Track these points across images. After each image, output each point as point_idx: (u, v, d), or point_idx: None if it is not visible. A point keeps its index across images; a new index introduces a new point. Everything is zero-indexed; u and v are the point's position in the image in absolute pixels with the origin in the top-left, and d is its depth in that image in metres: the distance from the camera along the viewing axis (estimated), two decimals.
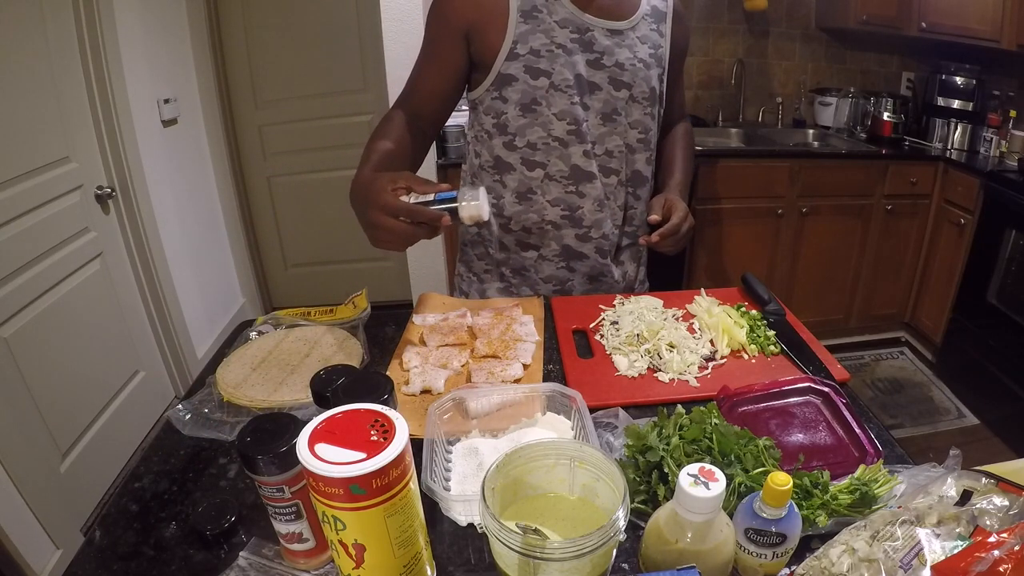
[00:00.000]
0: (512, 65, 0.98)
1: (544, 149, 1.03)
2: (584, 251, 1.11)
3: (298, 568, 0.56)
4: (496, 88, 1.01)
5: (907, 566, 0.46)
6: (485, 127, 1.06)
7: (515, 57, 0.98)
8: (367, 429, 0.46)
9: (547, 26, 0.97)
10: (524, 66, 0.98)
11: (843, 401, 0.74)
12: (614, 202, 1.10)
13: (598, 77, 1.01)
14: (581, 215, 1.08)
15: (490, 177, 1.09)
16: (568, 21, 0.98)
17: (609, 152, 1.06)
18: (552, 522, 0.55)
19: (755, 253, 2.62)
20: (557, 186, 1.06)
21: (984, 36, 2.28)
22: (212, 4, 2.57)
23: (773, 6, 2.78)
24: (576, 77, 0.99)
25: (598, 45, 1.00)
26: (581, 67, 1.00)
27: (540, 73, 0.98)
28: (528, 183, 1.06)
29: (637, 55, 1.02)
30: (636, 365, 0.85)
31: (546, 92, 1.00)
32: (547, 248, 1.11)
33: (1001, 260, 2.23)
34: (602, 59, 1.00)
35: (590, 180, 1.06)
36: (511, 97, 1.01)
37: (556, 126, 1.02)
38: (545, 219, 1.08)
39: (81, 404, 1.86)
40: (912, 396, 2.53)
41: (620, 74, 1.02)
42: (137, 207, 2.11)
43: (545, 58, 0.98)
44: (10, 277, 1.60)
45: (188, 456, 0.72)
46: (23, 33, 1.65)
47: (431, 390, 0.80)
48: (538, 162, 1.04)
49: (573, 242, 1.10)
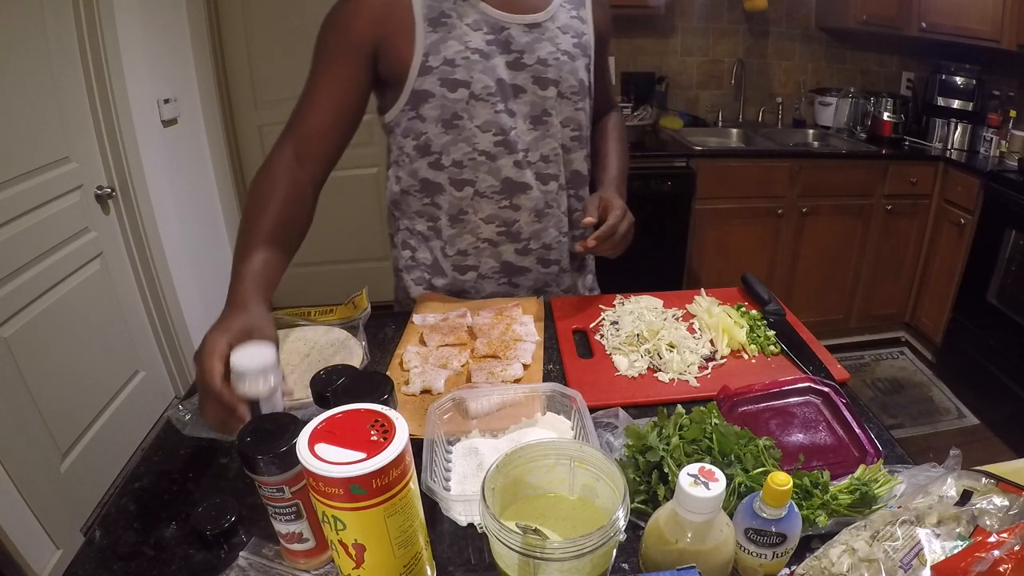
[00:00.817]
0: (426, 80, 0.90)
1: (471, 165, 0.96)
2: (526, 264, 1.06)
3: (298, 568, 0.56)
4: (412, 107, 0.93)
5: (907, 566, 0.46)
6: (405, 150, 0.98)
7: (428, 71, 0.90)
8: (367, 429, 0.46)
9: (459, 31, 0.89)
10: (439, 79, 0.90)
11: (843, 401, 0.74)
12: (557, 208, 1.04)
13: (521, 78, 0.94)
14: (518, 229, 1.02)
15: (419, 201, 1.02)
16: (481, 22, 0.90)
17: (544, 157, 0.99)
18: (552, 522, 0.55)
19: (755, 253, 2.62)
20: (489, 202, 0.99)
21: (984, 36, 2.28)
22: (212, 4, 2.57)
23: (773, 6, 2.78)
24: (498, 82, 0.92)
25: (516, 43, 0.92)
26: (502, 70, 0.92)
27: (458, 84, 0.91)
28: (458, 204, 0.99)
29: (560, 47, 0.95)
30: (636, 365, 0.85)
31: (467, 104, 0.92)
32: (485, 266, 1.05)
33: (1001, 260, 2.23)
34: (523, 58, 0.93)
35: (524, 191, 0.99)
36: (429, 114, 0.93)
37: (481, 139, 0.95)
38: (480, 238, 1.02)
39: (81, 404, 1.86)
40: (912, 396, 2.53)
41: (544, 71, 0.94)
42: (137, 207, 2.11)
43: (461, 67, 0.90)
44: (10, 277, 1.60)
45: (188, 456, 0.72)
46: (23, 33, 1.65)
47: (431, 390, 0.80)
48: (466, 180, 0.97)
49: (513, 257, 1.04)
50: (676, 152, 2.49)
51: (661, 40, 2.87)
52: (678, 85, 2.96)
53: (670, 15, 2.81)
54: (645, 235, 2.67)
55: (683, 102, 2.99)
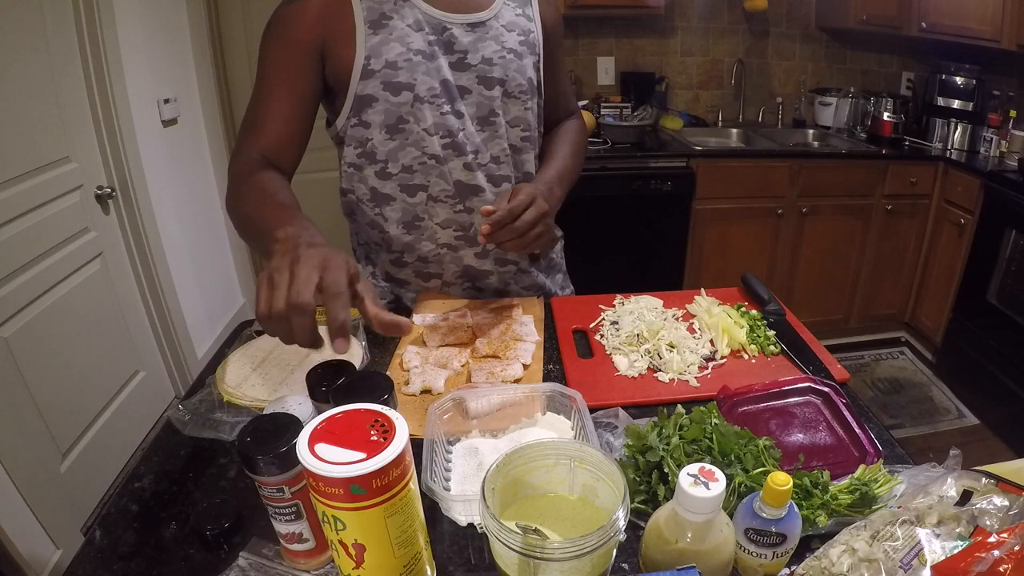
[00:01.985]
0: (368, 84, 0.88)
1: (421, 170, 0.94)
2: (486, 268, 1.04)
3: (298, 568, 0.56)
4: (355, 113, 0.91)
5: (907, 566, 0.46)
6: (350, 160, 0.96)
7: (370, 74, 0.87)
8: (367, 429, 0.46)
9: (400, 33, 0.87)
10: (382, 83, 0.87)
11: (843, 401, 0.74)
12: None
13: (465, 79, 0.91)
14: (475, 232, 0.99)
15: (371, 211, 0.99)
16: (422, 22, 0.88)
17: (495, 159, 0.97)
18: (552, 522, 0.55)
19: (755, 253, 2.62)
20: (443, 207, 0.97)
21: (984, 36, 2.28)
22: (212, 4, 2.57)
23: (773, 6, 2.78)
24: (442, 83, 0.90)
25: (459, 43, 0.90)
26: (446, 71, 0.90)
27: (401, 87, 0.88)
28: (412, 210, 0.97)
29: (505, 45, 0.93)
30: (636, 365, 0.85)
31: (411, 107, 0.89)
32: (448, 273, 1.04)
33: (1001, 260, 2.24)
34: (466, 58, 0.91)
35: (477, 194, 0.97)
36: (374, 120, 0.90)
37: (429, 142, 0.92)
38: (439, 243, 1.00)
39: (81, 404, 1.86)
40: (912, 396, 2.53)
41: (489, 71, 0.92)
42: (137, 207, 2.11)
43: (404, 69, 0.87)
44: (10, 277, 1.60)
45: (188, 456, 0.72)
46: (23, 33, 1.65)
47: (431, 390, 0.80)
48: (418, 185, 0.95)
49: (474, 262, 1.03)
50: (676, 152, 2.49)
51: (661, 40, 2.87)
52: (678, 85, 2.96)
53: (670, 15, 2.81)
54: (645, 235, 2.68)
55: (683, 102, 2.99)
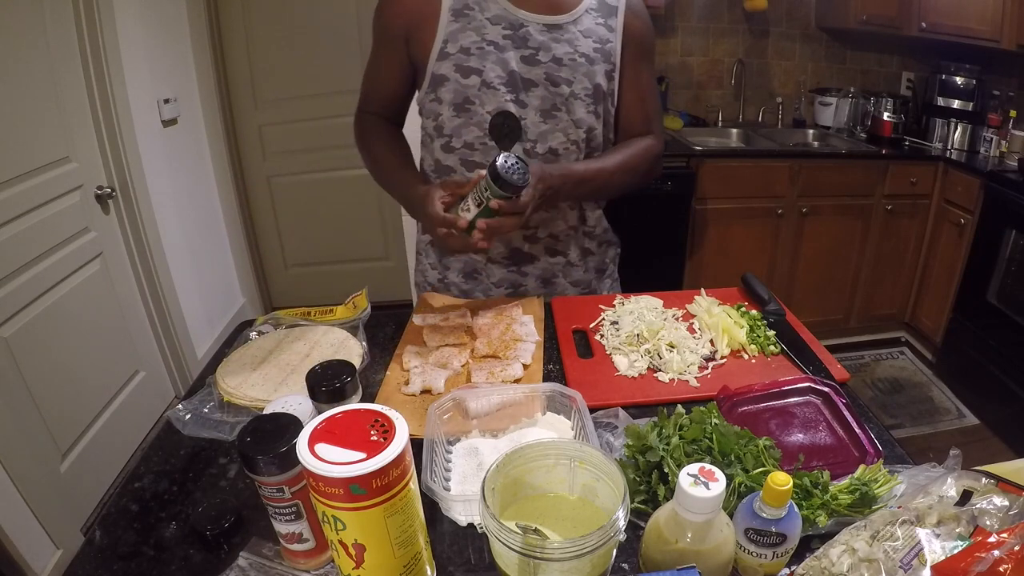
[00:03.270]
0: (443, 65, 0.97)
1: (481, 149, 1.01)
2: (534, 252, 1.08)
3: (298, 568, 0.56)
4: (431, 89, 1.00)
5: (907, 566, 0.46)
6: (427, 131, 1.06)
7: (445, 56, 0.96)
8: (367, 429, 0.46)
9: (478, 23, 0.95)
10: (454, 65, 0.96)
11: (843, 401, 0.74)
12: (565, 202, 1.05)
13: (534, 74, 0.97)
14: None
15: (434, 181, 1.04)
16: (501, 17, 0.96)
17: (553, 150, 1.01)
18: (552, 522, 0.55)
19: (755, 253, 2.62)
20: None
21: (984, 36, 2.28)
22: (212, 4, 2.57)
23: (773, 6, 2.78)
24: (509, 74, 0.96)
25: (533, 41, 0.97)
26: (514, 63, 0.96)
27: (471, 71, 0.96)
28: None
29: (578, 50, 0.98)
30: (636, 365, 0.85)
31: (478, 90, 0.97)
32: (495, 250, 1.07)
33: (1001, 260, 2.23)
34: (537, 55, 0.97)
35: None
36: (444, 97, 0.99)
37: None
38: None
39: (81, 404, 1.86)
40: (912, 396, 2.53)
41: (558, 70, 0.98)
42: (137, 207, 2.11)
43: (475, 56, 0.95)
44: (10, 277, 1.60)
45: (188, 456, 0.72)
46: (23, 33, 1.65)
47: (431, 390, 0.80)
48: (476, 163, 1.01)
49: (521, 243, 1.07)
50: (676, 152, 2.49)
51: (661, 40, 2.87)
52: (678, 85, 2.96)
53: (670, 15, 2.81)
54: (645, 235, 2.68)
55: (683, 102, 2.99)
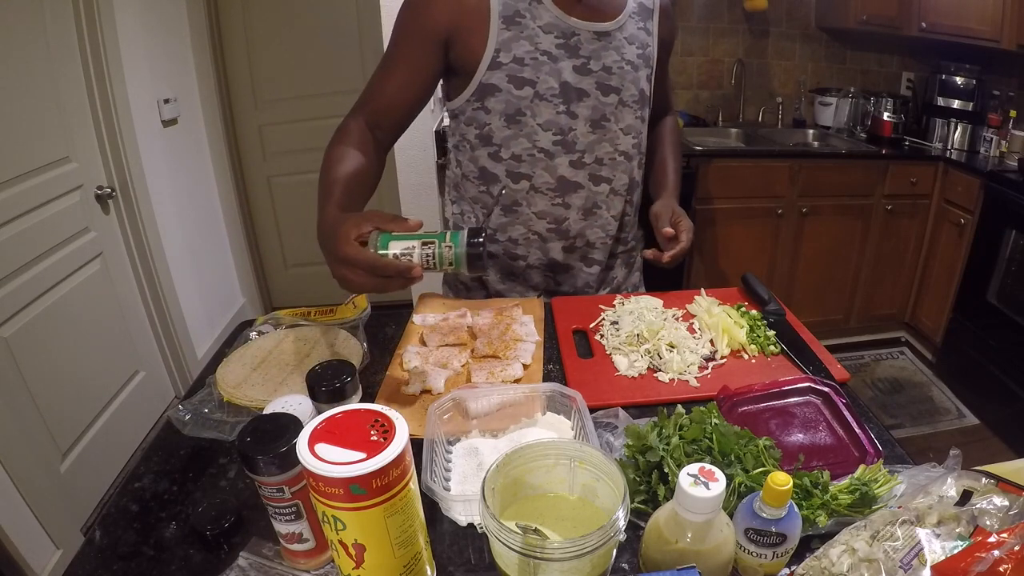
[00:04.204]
0: (495, 75, 0.94)
1: (530, 161, 1.00)
2: (570, 262, 1.09)
3: (298, 568, 0.56)
4: (478, 98, 0.97)
5: (907, 566, 0.46)
6: (468, 138, 1.02)
7: (498, 66, 0.93)
8: (367, 429, 0.46)
9: (531, 32, 0.93)
10: (507, 75, 0.94)
11: (843, 401, 0.74)
12: (606, 211, 1.06)
13: (585, 83, 0.97)
14: (567, 227, 1.05)
15: (475, 188, 1.06)
16: (553, 26, 0.93)
17: (599, 160, 1.02)
18: (552, 522, 0.55)
19: (755, 253, 2.62)
20: (543, 198, 1.02)
21: (984, 36, 2.28)
22: (212, 4, 2.57)
23: (773, 6, 2.78)
24: (562, 85, 0.96)
25: (584, 49, 0.96)
26: (567, 74, 0.95)
27: (524, 83, 0.94)
28: (513, 195, 1.03)
29: (624, 57, 0.99)
30: (636, 365, 0.85)
31: (531, 102, 0.96)
32: (533, 257, 1.08)
33: (1001, 260, 2.24)
34: (589, 64, 0.96)
35: (576, 190, 1.02)
36: (494, 108, 0.97)
37: (542, 137, 0.98)
38: (532, 230, 1.05)
39: (81, 404, 1.86)
40: (912, 396, 2.53)
41: (608, 78, 0.98)
42: (137, 207, 2.11)
43: (529, 66, 0.93)
44: (10, 277, 1.60)
45: (188, 456, 0.72)
46: (23, 33, 1.65)
47: (431, 390, 0.80)
48: (523, 174, 1.01)
49: (560, 255, 1.08)
50: None
51: None
52: (678, 85, 2.96)
53: None
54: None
55: (683, 102, 2.99)
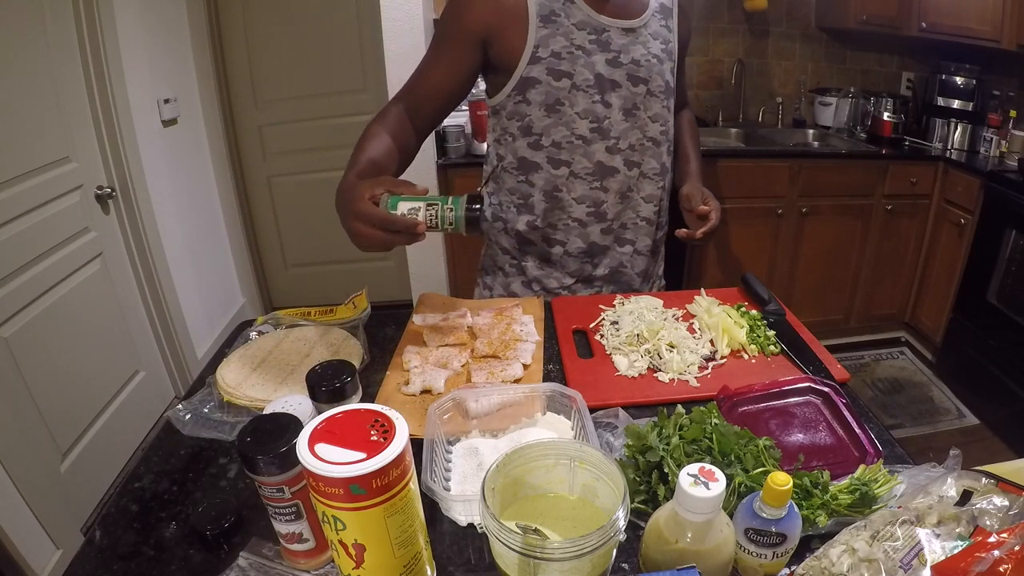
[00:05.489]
0: (534, 68, 1.01)
1: (568, 148, 1.06)
2: (607, 243, 1.14)
3: (298, 568, 0.56)
4: (519, 92, 1.03)
5: (907, 566, 0.46)
6: (509, 130, 1.08)
7: (537, 60, 1.00)
8: (367, 429, 0.46)
9: (566, 29, 1.00)
10: (546, 68, 1.01)
11: (843, 401, 0.74)
12: (637, 193, 1.12)
13: (617, 75, 1.03)
14: (605, 210, 1.11)
15: (514, 178, 1.11)
16: (585, 23, 1.01)
17: (632, 146, 1.08)
18: (552, 522, 0.55)
19: (755, 253, 2.62)
20: (582, 183, 1.08)
21: (984, 36, 2.28)
22: (212, 4, 2.57)
23: (773, 6, 2.78)
24: (596, 76, 1.02)
25: (615, 44, 1.03)
26: (600, 66, 1.02)
27: (562, 75, 1.01)
28: (554, 181, 1.09)
29: (651, 51, 1.06)
30: (636, 365, 0.85)
31: (568, 92, 1.02)
32: (571, 244, 1.13)
33: (1001, 260, 2.23)
34: (619, 57, 1.03)
35: (613, 174, 1.08)
36: (534, 99, 1.03)
37: (579, 124, 1.04)
38: (572, 216, 1.11)
39: (81, 404, 1.86)
40: (912, 396, 2.53)
41: (637, 70, 1.04)
42: (137, 207, 2.11)
43: (566, 60, 1.00)
44: (10, 277, 1.60)
45: (188, 456, 0.72)
46: (23, 33, 1.65)
47: (431, 390, 0.80)
48: (563, 160, 1.07)
49: (598, 238, 1.13)
50: None
51: None
52: None
53: None
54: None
55: None
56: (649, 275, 1.23)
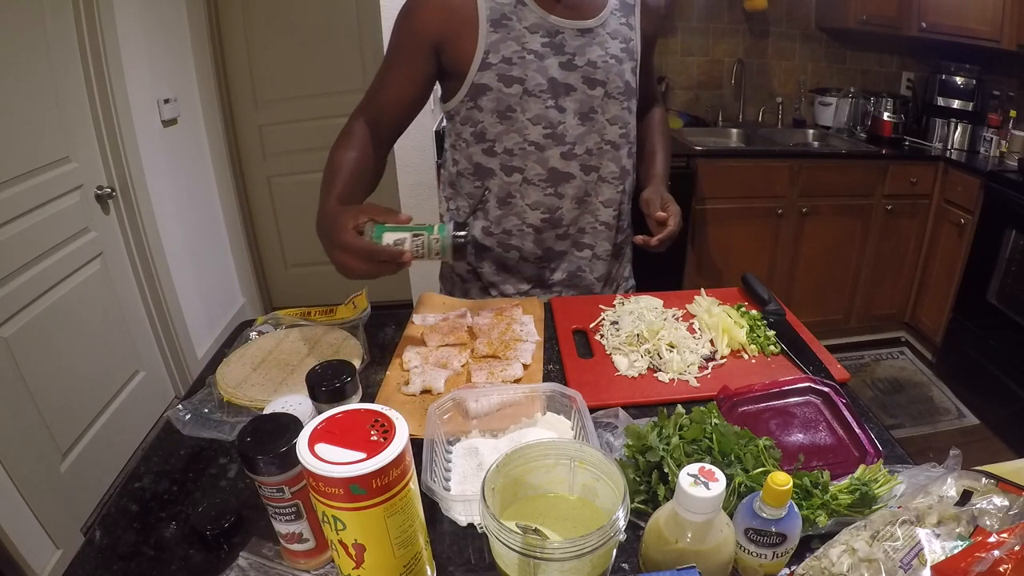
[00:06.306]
0: (485, 75, 0.98)
1: (521, 154, 1.04)
2: (563, 248, 1.12)
3: (298, 568, 0.56)
4: (471, 98, 1.01)
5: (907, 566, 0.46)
6: (463, 136, 1.06)
7: (487, 67, 0.98)
8: (367, 429, 0.46)
9: (517, 33, 0.97)
10: (497, 75, 0.98)
11: (843, 401, 0.74)
12: (595, 198, 1.10)
13: (572, 78, 1.01)
14: (561, 215, 1.08)
15: (471, 183, 1.09)
16: (538, 26, 0.98)
17: (589, 151, 1.06)
18: (552, 522, 0.55)
19: (755, 253, 2.62)
20: (535, 189, 1.06)
21: (984, 36, 2.28)
22: (212, 4, 2.57)
23: (773, 6, 2.78)
24: (550, 81, 0.99)
25: (569, 46, 0.99)
26: (554, 70, 0.99)
27: (513, 80, 0.98)
28: (508, 187, 1.07)
29: (609, 52, 1.02)
30: (636, 365, 0.85)
31: (520, 99, 1.00)
32: (527, 249, 1.11)
33: (1001, 260, 2.23)
34: (574, 60, 1.00)
35: (568, 180, 1.06)
36: (486, 106, 1.01)
37: (532, 131, 1.02)
38: (526, 223, 1.09)
39: (81, 404, 1.86)
40: (912, 396, 2.53)
41: (593, 72, 1.01)
42: (137, 207, 2.11)
43: (517, 65, 0.98)
44: (10, 277, 1.60)
45: (188, 456, 0.72)
46: (23, 33, 1.65)
47: (431, 390, 0.80)
48: (516, 167, 1.05)
49: (554, 244, 1.11)
50: (676, 152, 2.47)
51: (661, 40, 2.86)
52: (678, 85, 2.96)
53: (670, 15, 2.81)
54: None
55: (683, 102, 2.99)
56: (612, 278, 1.21)
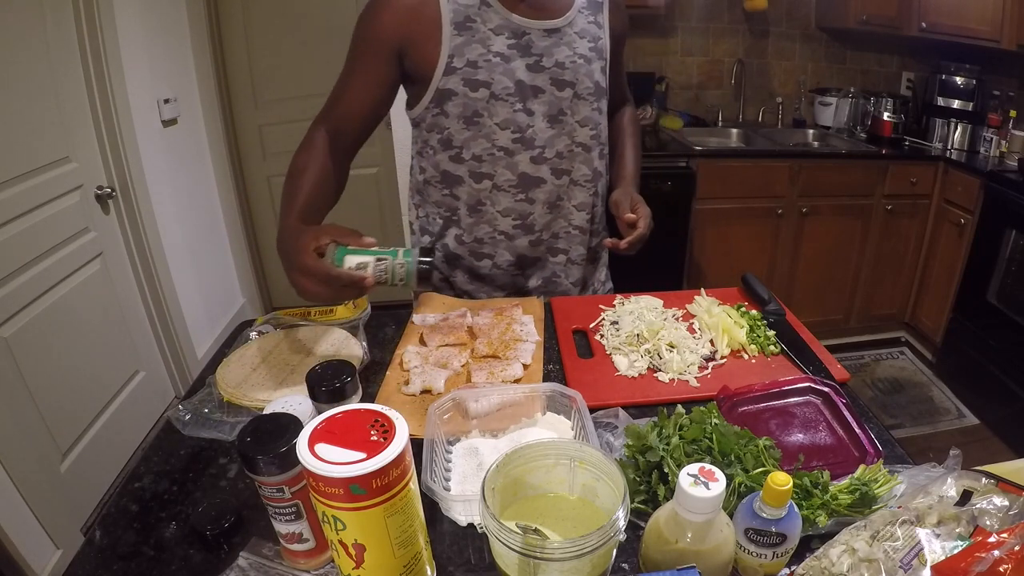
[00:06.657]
0: (450, 79, 0.95)
1: (490, 160, 1.01)
2: (537, 255, 1.10)
3: (298, 568, 0.56)
4: (436, 104, 0.98)
5: (907, 566, 0.46)
6: (430, 143, 1.03)
7: (452, 71, 0.95)
8: (367, 429, 0.46)
9: (482, 35, 0.94)
10: (462, 79, 0.95)
11: (843, 401, 0.74)
12: (568, 202, 1.07)
13: (540, 80, 0.98)
14: (532, 221, 1.06)
15: (439, 192, 1.07)
16: (503, 27, 0.95)
17: (559, 154, 1.03)
18: (552, 522, 0.55)
19: (755, 253, 2.62)
20: (506, 195, 1.04)
21: (984, 36, 2.28)
22: (212, 4, 2.57)
23: (773, 6, 2.78)
24: (517, 83, 0.97)
25: (536, 47, 0.97)
26: (521, 72, 0.97)
27: (479, 84, 0.95)
28: (477, 195, 1.04)
29: (576, 51, 1.00)
30: (636, 365, 0.85)
31: (487, 103, 0.97)
32: (500, 257, 1.09)
33: (1001, 260, 2.23)
34: (542, 61, 0.97)
35: (539, 185, 1.04)
36: (452, 112, 0.98)
37: (500, 136, 0.99)
38: (497, 230, 1.06)
39: (81, 404, 1.86)
40: (912, 396, 2.53)
41: (561, 73, 0.99)
42: (137, 207, 2.11)
43: (483, 68, 0.95)
44: (10, 277, 1.60)
45: (188, 456, 0.72)
46: (23, 33, 1.65)
47: (431, 390, 0.80)
48: (485, 173, 1.02)
49: (527, 250, 1.09)
50: (676, 152, 2.49)
51: (661, 40, 2.87)
52: (678, 85, 2.96)
53: (670, 15, 2.81)
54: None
55: (683, 102, 2.99)
56: (588, 283, 1.18)
